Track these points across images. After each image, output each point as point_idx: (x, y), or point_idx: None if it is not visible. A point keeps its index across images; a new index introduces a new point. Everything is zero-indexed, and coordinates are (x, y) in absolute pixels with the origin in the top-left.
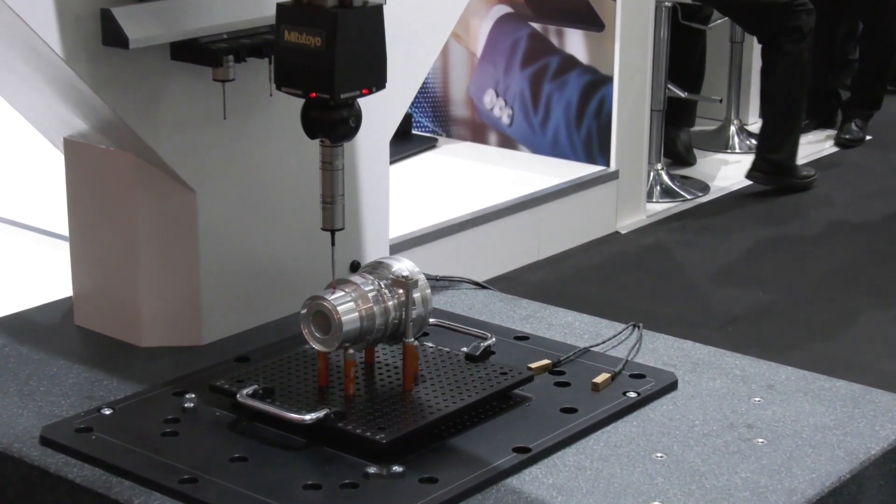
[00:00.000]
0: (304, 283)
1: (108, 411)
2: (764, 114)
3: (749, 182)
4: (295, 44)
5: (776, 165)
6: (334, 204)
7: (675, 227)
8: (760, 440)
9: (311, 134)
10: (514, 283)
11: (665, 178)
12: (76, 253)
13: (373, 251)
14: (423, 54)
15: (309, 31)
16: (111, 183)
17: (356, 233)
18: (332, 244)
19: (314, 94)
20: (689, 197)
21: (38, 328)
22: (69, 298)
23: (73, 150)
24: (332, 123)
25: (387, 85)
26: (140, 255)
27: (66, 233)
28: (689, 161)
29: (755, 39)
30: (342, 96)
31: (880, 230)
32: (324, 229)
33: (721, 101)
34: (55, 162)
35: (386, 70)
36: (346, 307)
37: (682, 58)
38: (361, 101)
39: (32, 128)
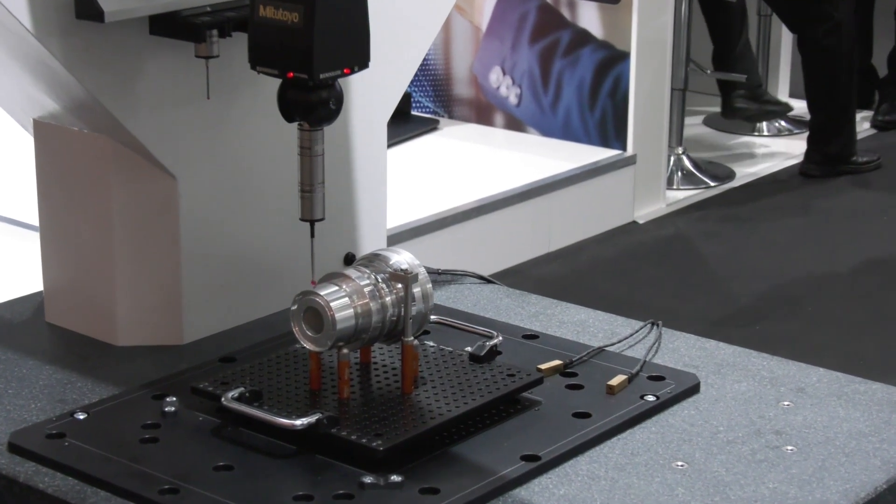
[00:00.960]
0: (294, 277)
1: (81, 416)
2: (810, 105)
3: (778, 168)
4: (271, 20)
5: (831, 157)
6: (313, 192)
7: (698, 216)
8: (790, 448)
9: (289, 117)
10: (522, 277)
11: (687, 163)
12: (47, 244)
13: (369, 242)
14: (424, 29)
15: (286, 5)
16: (85, 168)
17: (351, 223)
18: (312, 236)
19: (291, 74)
20: (712, 184)
21: (5, 326)
22: (39, 293)
23: (44, 132)
24: (310, 105)
25: (384, 62)
26: (116, 246)
27: (35, 223)
28: (785, 106)
29: None
30: (322, 76)
31: None
32: (303, 220)
33: (747, 78)
34: (24, 146)
35: (369, 48)
36: (340, 303)
37: (722, 35)
38: (355, 80)
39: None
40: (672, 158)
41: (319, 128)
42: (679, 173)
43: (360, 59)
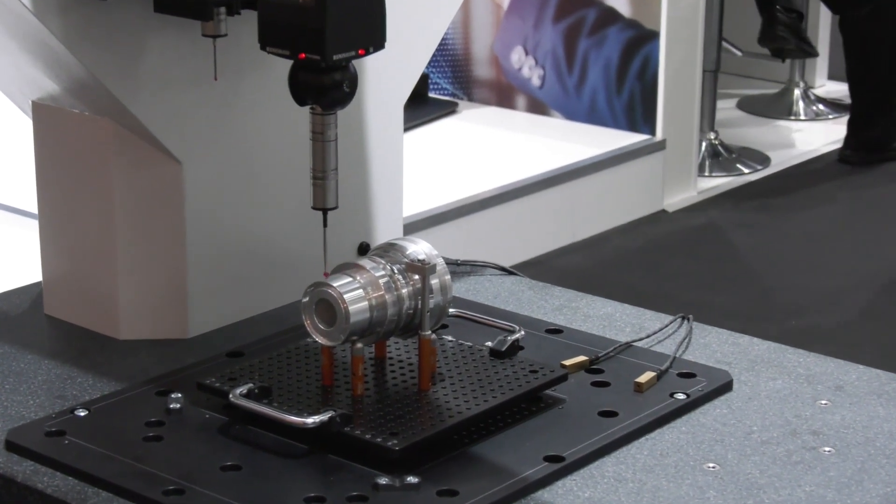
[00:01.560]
0: (305, 268)
1: (82, 412)
2: (851, 89)
3: (815, 154)
4: None
5: (872, 143)
6: (326, 179)
7: (731, 205)
8: (827, 449)
9: (300, 100)
10: (545, 268)
11: (719, 148)
12: (46, 232)
13: (384, 231)
14: (442, 7)
15: None
16: (86, 153)
17: (365, 211)
18: (325, 225)
19: (303, 56)
20: (746, 171)
21: (2, 318)
22: (38, 284)
23: (43, 115)
24: (323, 88)
25: (401, 41)
26: (118, 234)
27: (34, 210)
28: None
29: None
30: (335, 57)
31: None
32: (315, 208)
33: (784, 60)
34: (23, 129)
35: (385, 28)
36: (354, 295)
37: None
38: (370, 60)
39: None
40: (703, 143)
41: (332, 112)
42: (711, 159)
43: (375, 39)
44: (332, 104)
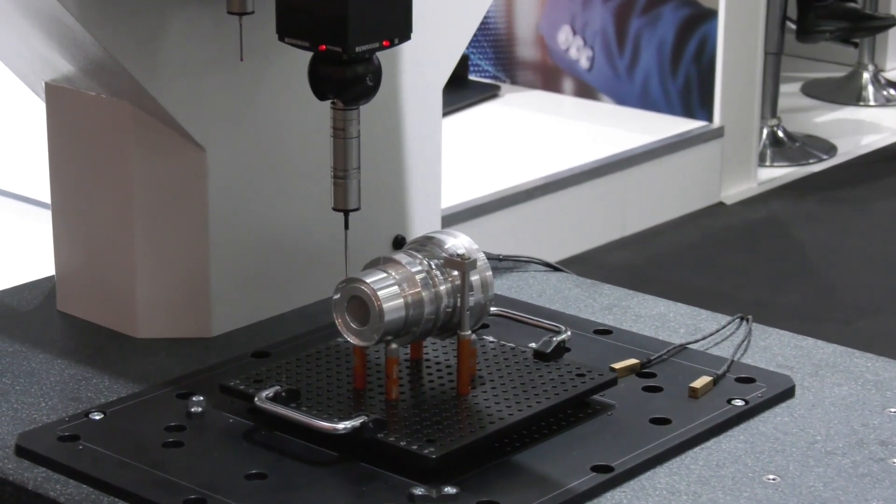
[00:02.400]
0: (336, 263)
1: (97, 416)
2: None
3: (886, 143)
4: None
5: None
6: (348, 179)
7: (793, 197)
8: None
9: (321, 94)
10: (593, 264)
11: (782, 136)
12: (59, 223)
13: (421, 224)
14: None
15: None
16: (102, 138)
17: (401, 202)
18: (346, 227)
19: (324, 47)
20: (811, 160)
21: (12, 314)
22: (50, 278)
23: (57, 97)
24: (345, 82)
25: (439, 21)
26: (137, 226)
27: (47, 200)
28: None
29: None
30: (357, 49)
31: None
32: (336, 210)
33: (857, 44)
34: (36, 113)
35: (411, 17)
36: (389, 292)
37: None
38: (407, 42)
39: (8, 71)
40: (765, 131)
41: (355, 107)
42: (772, 148)
43: (401, 29)
44: (354, 99)
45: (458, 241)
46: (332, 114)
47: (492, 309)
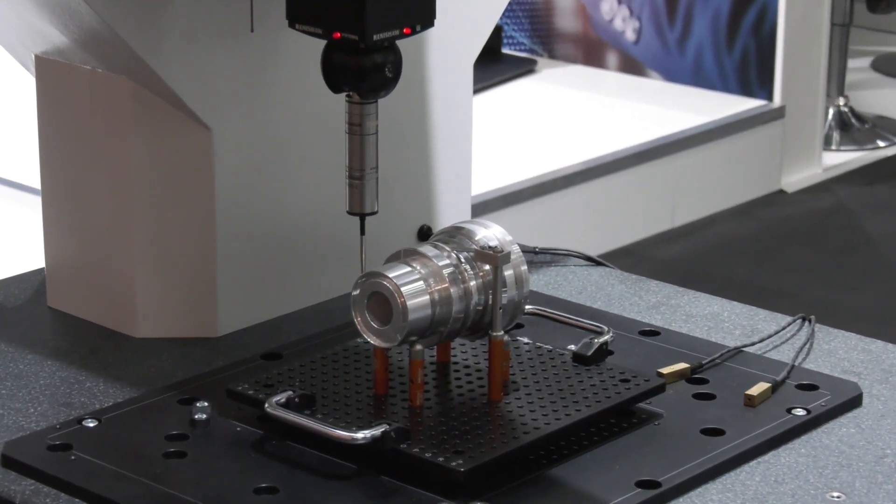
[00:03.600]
0: (356, 254)
1: (91, 423)
2: None
3: None
4: None
5: None
6: (364, 180)
7: (862, 184)
8: None
9: (335, 87)
10: (639, 258)
11: (849, 117)
12: (50, 211)
13: (449, 213)
14: None
15: None
16: (98, 117)
17: (427, 188)
18: (362, 233)
19: (339, 35)
20: (881, 144)
21: None
22: (40, 271)
23: (49, 71)
24: (362, 72)
25: None
26: (136, 214)
27: (36, 185)
28: None
29: None
30: (375, 37)
31: None
32: (350, 213)
33: None
34: (25, 89)
35: (434, 1)
36: (414, 288)
37: None
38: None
39: None
40: (830, 111)
41: (373, 100)
42: (839, 130)
43: (423, 15)
44: (372, 91)
45: (490, 232)
46: (348, 108)
47: (527, 307)
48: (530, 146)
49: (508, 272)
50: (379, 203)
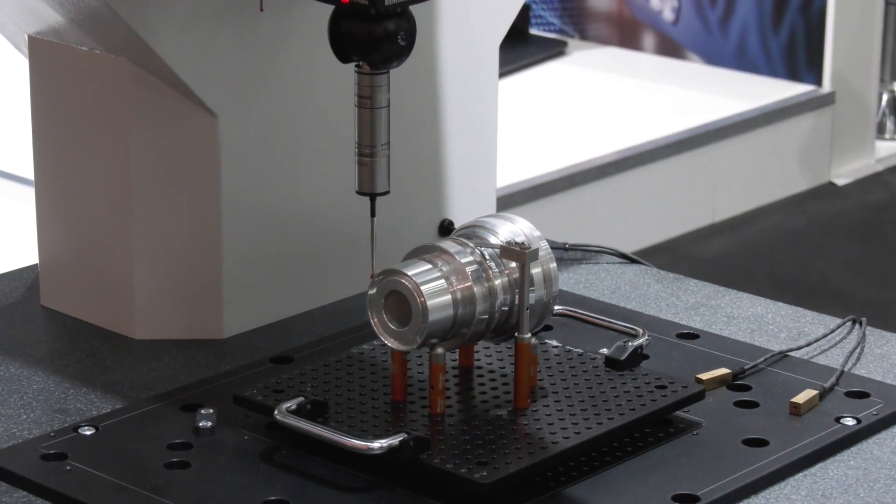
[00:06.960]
0: (370, 252)
1: (88, 431)
2: None
3: None
4: None
5: None
6: (375, 157)
7: None
8: None
9: (344, 56)
10: (677, 255)
11: None
12: (43, 203)
13: (473, 207)
14: None
15: None
16: (96, 102)
17: (448, 180)
18: (372, 215)
19: (347, 0)
20: None
21: None
22: (33, 268)
23: (42, 53)
24: (372, 40)
25: None
26: (136, 207)
27: (29, 176)
28: None
29: None
30: (387, 2)
31: None
32: (360, 193)
33: None
34: (18, 71)
35: None
36: (435, 287)
37: None
38: None
39: None
40: (885, 97)
41: (384, 70)
42: (894, 117)
43: None
44: (383, 61)
45: (517, 227)
46: (357, 79)
47: (556, 307)
48: (560, 135)
49: (536, 270)
50: (397, 197)
